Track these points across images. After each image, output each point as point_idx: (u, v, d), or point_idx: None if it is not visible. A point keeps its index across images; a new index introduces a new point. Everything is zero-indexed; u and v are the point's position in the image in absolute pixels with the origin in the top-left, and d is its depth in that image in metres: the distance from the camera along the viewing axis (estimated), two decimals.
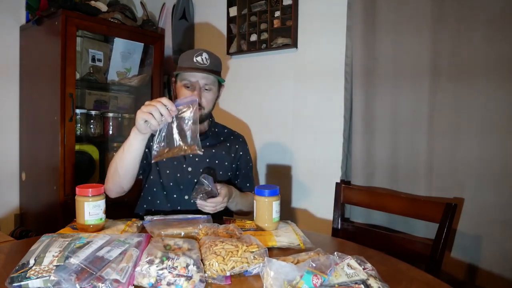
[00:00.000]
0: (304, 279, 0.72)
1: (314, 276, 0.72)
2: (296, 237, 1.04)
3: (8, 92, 2.25)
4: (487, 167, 1.41)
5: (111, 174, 1.23)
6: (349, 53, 1.76)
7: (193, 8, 2.50)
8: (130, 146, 1.15)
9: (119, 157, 1.19)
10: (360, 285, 0.71)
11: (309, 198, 1.99)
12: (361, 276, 0.73)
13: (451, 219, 1.17)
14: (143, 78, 2.39)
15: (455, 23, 1.46)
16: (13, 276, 0.71)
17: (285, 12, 2.00)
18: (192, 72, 1.30)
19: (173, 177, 1.36)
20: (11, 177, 2.28)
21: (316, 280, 0.72)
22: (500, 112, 1.38)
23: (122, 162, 1.18)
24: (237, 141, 1.50)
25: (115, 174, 1.21)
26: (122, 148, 1.18)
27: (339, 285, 0.72)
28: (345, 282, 0.72)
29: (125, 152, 1.16)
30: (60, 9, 1.96)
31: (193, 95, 1.28)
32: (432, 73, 1.52)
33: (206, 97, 1.33)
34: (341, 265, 0.75)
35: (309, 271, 0.73)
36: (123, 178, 1.21)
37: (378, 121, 1.68)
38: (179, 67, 1.35)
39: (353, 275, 0.74)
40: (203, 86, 1.32)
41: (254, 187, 1.14)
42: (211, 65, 1.33)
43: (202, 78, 1.31)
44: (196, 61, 1.30)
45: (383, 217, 1.65)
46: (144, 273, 0.74)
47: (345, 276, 0.73)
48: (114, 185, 1.24)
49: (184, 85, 1.32)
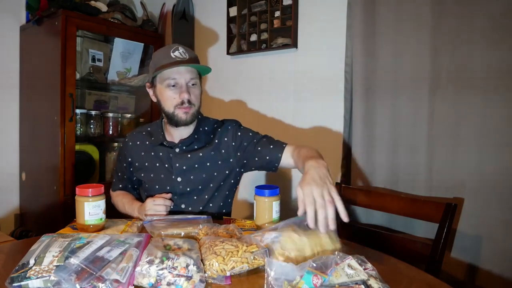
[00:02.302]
0: (304, 279, 0.72)
1: (315, 276, 0.72)
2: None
3: (8, 92, 2.25)
4: (487, 167, 1.41)
5: (114, 202, 1.45)
6: (349, 53, 1.76)
7: (193, 8, 2.50)
8: (130, 213, 1.32)
9: (121, 205, 1.39)
10: (360, 286, 0.71)
11: None
12: (361, 277, 0.73)
13: (451, 219, 1.17)
14: (143, 78, 2.39)
15: (455, 23, 1.46)
16: (13, 276, 0.71)
17: (285, 12, 2.00)
18: (177, 66, 1.18)
19: (165, 190, 1.31)
20: (11, 177, 2.28)
21: (317, 280, 0.72)
22: (500, 112, 1.38)
23: (122, 209, 1.39)
24: (226, 133, 1.33)
25: (117, 207, 1.43)
26: (123, 204, 1.37)
27: (340, 285, 0.72)
28: (345, 283, 0.72)
29: (125, 209, 1.36)
30: (60, 9, 1.96)
31: (182, 93, 1.20)
32: (432, 72, 1.52)
33: (194, 93, 1.24)
34: (341, 265, 0.75)
35: (310, 271, 0.73)
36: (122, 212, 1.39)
37: (378, 121, 1.67)
38: (158, 66, 1.22)
39: (353, 276, 0.73)
40: (189, 82, 1.22)
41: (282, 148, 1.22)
42: (191, 58, 1.23)
43: (186, 72, 1.21)
44: (174, 56, 1.20)
45: (383, 217, 1.65)
46: (144, 273, 0.74)
47: (345, 276, 0.73)
48: (117, 206, 1.44)
49: (167, 85, 1.21)
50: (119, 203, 1.40)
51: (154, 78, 1.26)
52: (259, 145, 1.28)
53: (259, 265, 0.83)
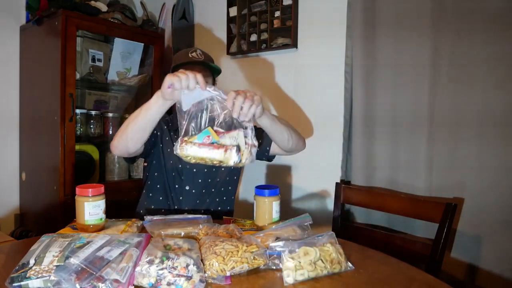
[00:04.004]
0: (199, 134, 0.95)
1: (207, 136, 0.92)
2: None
3: (8, 92, 2.25)
4: (487, 167, 1.41)
5: (121, 131, 1.19)
6: (349, 53, 1.76)
7: (193, 8, 2.50)
8: (148, 108, 1.10)
9: (134, 116, 1.15)
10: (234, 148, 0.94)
11: (309, 198, 1.98)
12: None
13: (451, 219, 1.17)
14: (143, 78, 2.39)
15: (455, 23, 1.46)
16: (13, 276, 0.71)
17: (285, 12, 1.99)
18: (192, 64, 1.32)
19: (175, 167, 1.39)
20: (11, 177, 2.28)
21: (207, 139, 0.91)
22: (500, 112, 1.38)
23: (135, 121, 1.14)
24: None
25: (125, 131, 1.17)
26: (140, 108, 1.14)
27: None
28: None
29: (142, 112, 1.12)
30: (60, 9, 1.96)
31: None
32: (432, 72, 1.52)
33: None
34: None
35: (208, 130, 0.95)
36: (131, 138, 1.17)
37: (378, 121, 1.67)
38: (176, 63, 1.37)
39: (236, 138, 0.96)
40: None
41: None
42: (206, 59, 1.39)
43: (200, 70, 1.27)
44: (192, 56, 1.35)
45: (383, 217, 1.65)
46: (144, 273, 0.74)
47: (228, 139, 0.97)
48: (120, 142, 1.20)
49: None
50: (130, 118, 1.18)
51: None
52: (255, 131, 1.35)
53: (259, 265, 0.84)
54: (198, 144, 0.94)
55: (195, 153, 0.94)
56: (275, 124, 1.20)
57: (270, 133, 1.23)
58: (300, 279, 0.80)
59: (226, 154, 0.93)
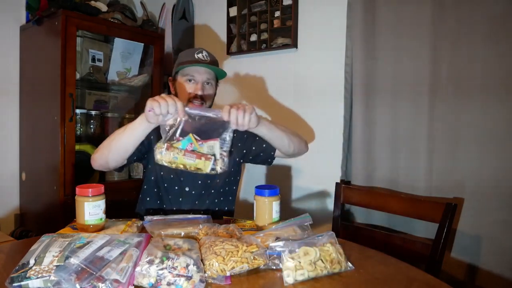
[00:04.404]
0: (183, 141, 0.99)
1: (190, 144, 0.97)
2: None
3: (8, 92, 2.25)
4: (487, 167, 1.41)
5: (104, 147, 1.21)
6: (349, 53, 1.76)
7: (193, 8, 2.50)
8: (133, 128, 1.14)
9: (118, 134, 1.18)
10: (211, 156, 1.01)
11: (309, 198, 1.98)
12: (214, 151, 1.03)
13: (451, 219, 1.17)
14: (143, 78, 2.39)
15: (455, 23, 1.46)
16: (13, 276, 0.71)
17: (285, 12, 2.00)
18: (197, 66, 1.33)
19: (173, 169, 1.33)
20: (11, 177, 2.28)
21: (190, 147, 0.96)
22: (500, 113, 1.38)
23: (118, 139, 1.17)
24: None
25: (107, 147, 1.20)
26: (125, 127, 1.17)
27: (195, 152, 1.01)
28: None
29: (126, 132, 1.15)
30: (60, 9, 1.96)
31: (196, 88, 1.32)
32: (432, 73, 1.52)
33: (208, 91, 1.37)
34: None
35: (190, 138, 1.00)
36: (112, 154, 1.19)
37: (378, 121, 1.68)
38: (181, 62, 1.37)
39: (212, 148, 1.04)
40: (205, 81, 1.36)
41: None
42: (211, 61, 1.38)
43: (205, 72, 1.34)
44: (197, 57, 1.35)
45: (383, 217, 1.65)
46: (144, 273, 0.74)
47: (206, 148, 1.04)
48: (101, 157, 1.22)
49: (186, 80, 1.35)
50: (115, 134, 1.21)
51: (176, 73, 1.39)
52: (258, 137, 1.34)
53: (259, 265, 0.84)
54: (184, 152, 1.01)
55: (180, 159, 1.01)
56: (273, 131, 1.24)
57: (270, 140, 1.27)
58: (300, 279, 0.80)
59: (206, 162, 1.01)
